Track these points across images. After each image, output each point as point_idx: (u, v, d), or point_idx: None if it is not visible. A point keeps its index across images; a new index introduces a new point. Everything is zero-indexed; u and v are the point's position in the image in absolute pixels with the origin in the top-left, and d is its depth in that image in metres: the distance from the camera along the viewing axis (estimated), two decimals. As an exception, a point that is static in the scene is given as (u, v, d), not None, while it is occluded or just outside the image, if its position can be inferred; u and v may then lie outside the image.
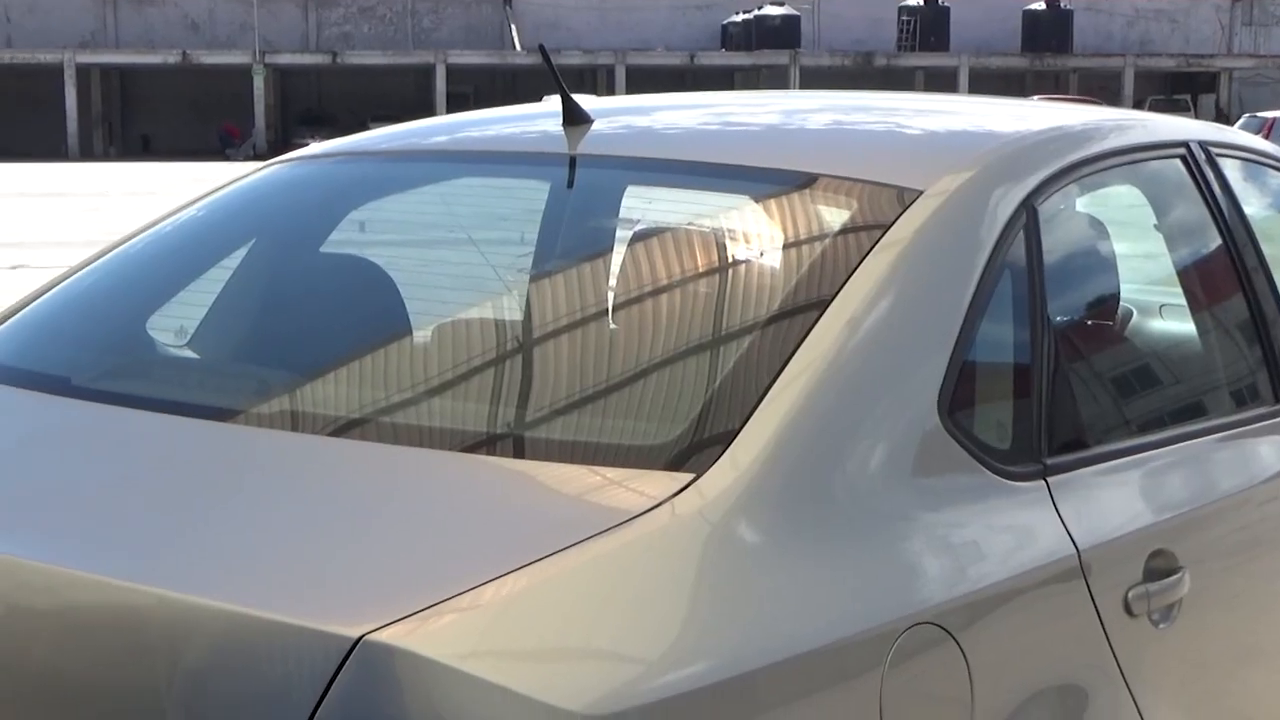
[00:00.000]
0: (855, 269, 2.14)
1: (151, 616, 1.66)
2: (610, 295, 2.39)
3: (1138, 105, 47.95)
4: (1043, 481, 2.19)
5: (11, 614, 1.78)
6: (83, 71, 54.59)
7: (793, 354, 2.01)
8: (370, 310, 2.64)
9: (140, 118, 58.77)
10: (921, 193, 2.27)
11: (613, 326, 2.32)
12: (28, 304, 2.71)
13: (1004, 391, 2.32)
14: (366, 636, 1.55)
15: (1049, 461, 2.23)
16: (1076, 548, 2.14)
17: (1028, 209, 2.34)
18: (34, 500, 2.02)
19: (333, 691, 1.53)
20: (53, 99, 53.38)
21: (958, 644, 1.91)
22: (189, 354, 2.71)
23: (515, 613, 1.64)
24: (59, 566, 1.77)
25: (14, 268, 15.80)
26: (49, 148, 50.38)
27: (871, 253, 2.16)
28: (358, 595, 1.67)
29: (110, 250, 2.83)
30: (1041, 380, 2.30)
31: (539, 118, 2.91)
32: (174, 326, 2.71)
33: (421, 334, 2.48)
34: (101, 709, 1.67)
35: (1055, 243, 2.48)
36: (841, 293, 2.10)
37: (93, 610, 1.72)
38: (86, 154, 51.65)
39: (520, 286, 2.67)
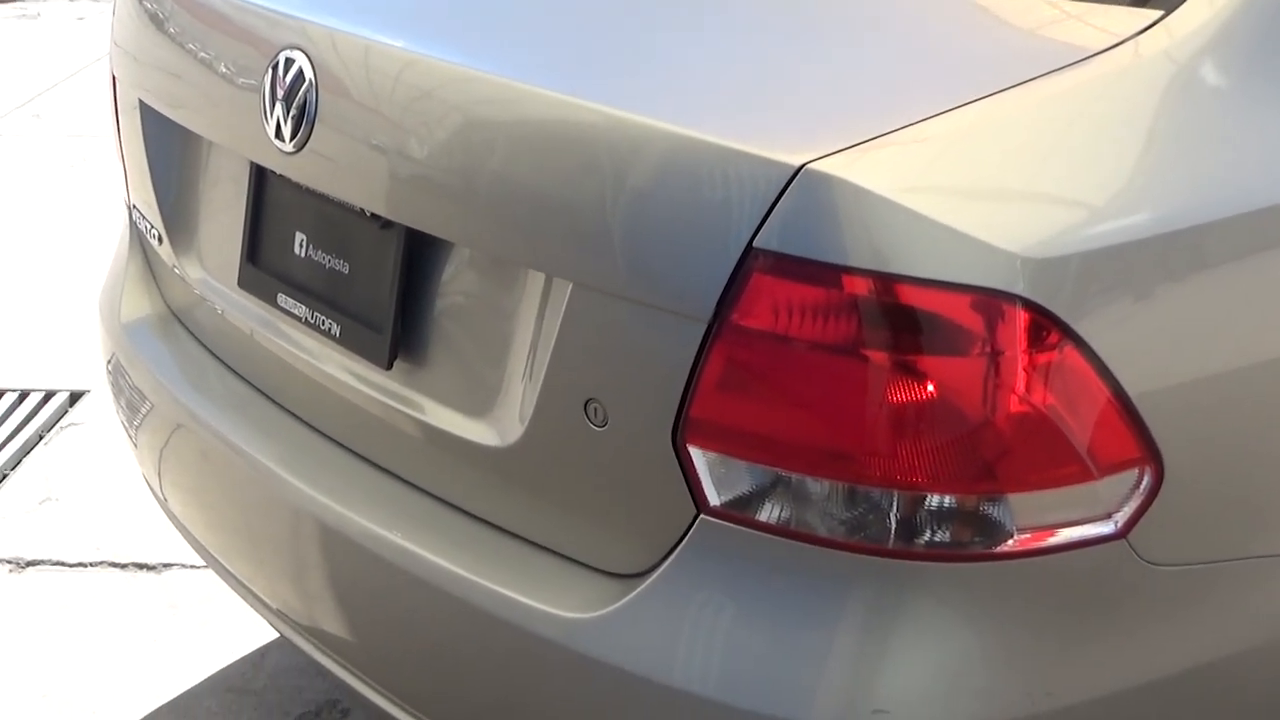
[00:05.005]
0: None
1: (601, 135, 1.69)
2: None
3: None
4: None
5: (469, 125, 1.85)
6: None
7: None
8: None
9: None
10: None
11: None
12: None
13: None
14: (808, 165, 1.54)
15: None
16: None
17: None
18: (489, 17, 2.06)
19: (772, 218, 1.54)
20: None
21: None
22: None
23: (960, 149, 1.60)
24: (514, 81, 1.82)
25: None
26: None
27: None
28: (801, 124, 1.65)
29: None
30: None
31: None
32: None
33: None
34: (552, 223, 1.74)
35: None
36: None
37: (545, 125, 1.76)
38: None
39: None
